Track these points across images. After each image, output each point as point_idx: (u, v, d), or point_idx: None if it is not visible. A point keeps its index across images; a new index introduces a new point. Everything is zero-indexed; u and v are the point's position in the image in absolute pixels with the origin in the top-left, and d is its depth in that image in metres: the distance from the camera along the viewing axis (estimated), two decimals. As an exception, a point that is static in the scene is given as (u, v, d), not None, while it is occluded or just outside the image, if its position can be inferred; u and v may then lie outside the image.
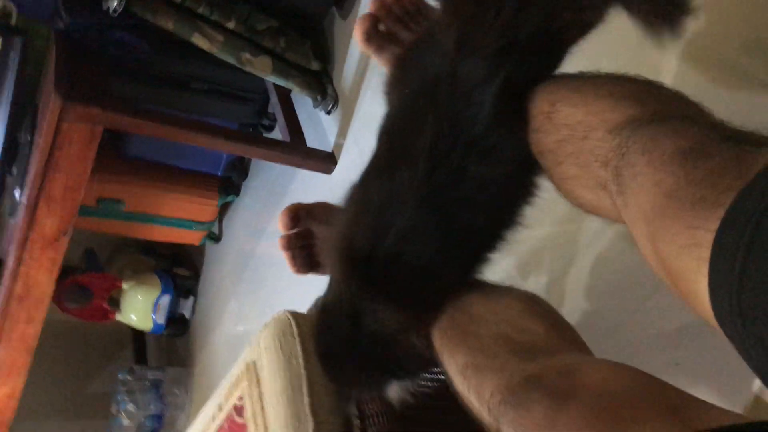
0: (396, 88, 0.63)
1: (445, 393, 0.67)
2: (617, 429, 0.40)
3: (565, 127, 0.49)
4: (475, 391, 0.51)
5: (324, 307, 0.66)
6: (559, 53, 0.55)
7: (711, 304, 0.34)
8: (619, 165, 0.43)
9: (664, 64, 0.84)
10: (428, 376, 0.72)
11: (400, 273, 0.58)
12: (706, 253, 0.34)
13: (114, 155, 1.94)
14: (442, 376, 0.65)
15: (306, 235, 0.73)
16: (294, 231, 0.72)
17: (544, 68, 0.55)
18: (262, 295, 2.02)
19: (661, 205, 0.38)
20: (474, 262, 0.61)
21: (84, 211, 1.88)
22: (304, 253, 0.72)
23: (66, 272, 2.09)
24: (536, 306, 0.58)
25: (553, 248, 1.01)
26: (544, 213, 1.01)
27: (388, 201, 0.57)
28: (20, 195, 1.55)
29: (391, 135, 0.60)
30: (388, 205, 0.57)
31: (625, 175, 0.42)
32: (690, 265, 0.35)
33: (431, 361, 0.60)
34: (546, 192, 0.57)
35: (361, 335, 0.61)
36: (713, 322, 0.35)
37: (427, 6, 0.77)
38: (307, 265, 0.72)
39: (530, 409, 0.45)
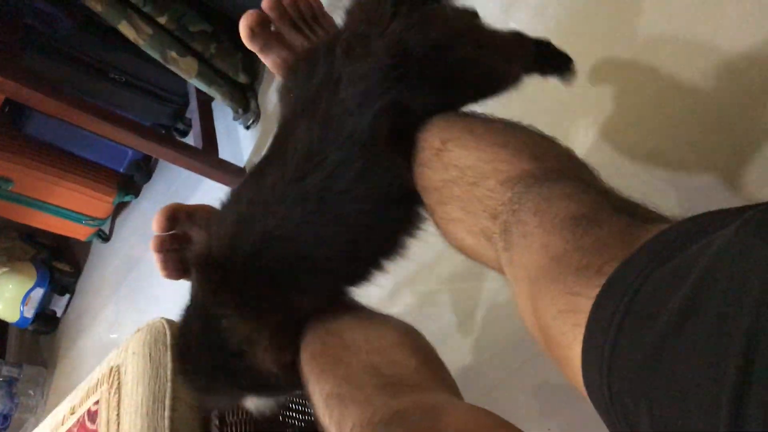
0: (286, 95, 0.61)
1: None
2: None
3: (454, 168, 0.48)
4: (336, 423, 0.48)
5: (184, 310, 0.62)
6: (460, 93, 0.54)
7: (582, 371, 0.33)
8: (508, 221, 0.42)
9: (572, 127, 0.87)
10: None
11: (253, 280, 0.55)
12: (583, 320, 0.33)
13: (11, 130, 1.82)
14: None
15: (182, 239, 0.68)
16: (170, 233, 0.67)
17: (440, 103, 0.53)
18: (142, 305, 1.92)
19: (545, 267, 0.38)
20: (339, 280, 0.58)
21: (-34, 183, 1.76)
22: (177, 257, 0.67)
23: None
24: (411, 339, 0.56)
25: (451, 302, 1.00)
26: (446, 266, 1.01)
27: (253, 202, 0.55)
28: None
29: (273, 139, 0.58)
30: (253, 207, 0.55)
31: (514, 233, 0.42)
32: (566, 330, 0.35)
33: (284, 379, 0.57)
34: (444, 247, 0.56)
35: (210, 343, 0.58)
36: (583, 389, 0.34)
37: (325, 15, 0.76)
38: (179, 270, 0.67)
39: None
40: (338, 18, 0.64)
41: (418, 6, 0.54)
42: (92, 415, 0.85)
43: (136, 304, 1.96)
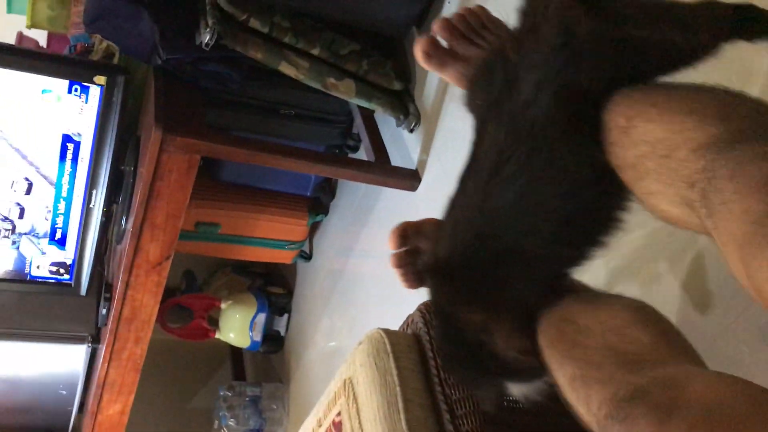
0: (472, 104, 0.65)
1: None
2: None
3: (643, 143, 0.49)
4: (583, 403, 0.51)
5: (431, 314, 0.70)
6: (637, 70, 0.54)
7: None
8: (706, 188, 0.43)
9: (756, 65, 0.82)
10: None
11: (476, 276, 0.61)
12: None
13: (209, 180, 2.03)
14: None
15: (416, 252, 0.76)
16: (404, 249, 0.75)
17: (617, 80, 0.54)
18: (352, 312, 2.06)
19: (750, 233, 0.38)
20: (556, 265, 0.61)
21: (183, 235, 1.98)
22: (414, 269, 0.75)
23: (167, 294, 2.20)
24: (644, 314, 0.57)
25: (647, 254, 0.99)
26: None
27: (462, 207, 0.61)
28: (126, 223, 1.65)
29: (471, 147, 0.63)
30: (462, 211, 0.60)
31: (713, 200, 0.42)
32: None
33: (528, 363, 0.61)
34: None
35: (454, 339, 0.64)
36: None
37: (495, 21, 0.78)
38: (417, 281, 0.75)
39: (635, 424, 0.45)
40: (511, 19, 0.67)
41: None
42: (337, 426, 0.94)
43: (346, 312, 2.10)
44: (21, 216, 1.68)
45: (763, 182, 0.39)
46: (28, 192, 1.64)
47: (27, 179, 1.62)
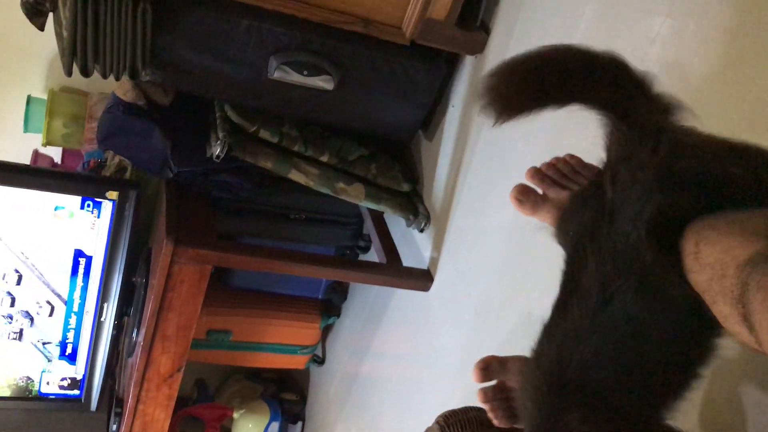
0: (562, 235, 0.68)
1: None
2: None
3: (708, 267, 0.50)
4: None
5: None
6: (717, 200, 0.56)
7: None
8: (743, 302, 0.43)
9: None
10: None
11: (587, 400, 0.61)
12: None
13: (220, 288, 2.03)
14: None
15: (503, 388, 0.76)
16: (491, 384, 0.76)
17: (701, 210, 0.55)
18: (367, 417, 2.00)
19: None
20: (660, 395, 0.61)
21: (194, 343, 1.95)
22: (504, 405, 0.75)
23: (179, 403, 2.15)
24: None
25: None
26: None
27: (567, 335, 0.61)
28: (137, 335, 1.63)
29: (563, 276, 0.65)
30: (568, 339, 0.61)
31: (750, 312, 0.42)
32: None
33: None
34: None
35: None
36: None
37: (587, 166, 0.81)
38: (510, 417, 0.75)
39: None
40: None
41: (671, 135, 0.58)
42: None
43: (361, 417, 2.04)
44: (44, 345, 1.67)
45: None
46: (50, 314, 1.64)
47: (49, 302, 1.63)
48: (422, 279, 1.67)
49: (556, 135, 1.23)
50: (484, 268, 1.48)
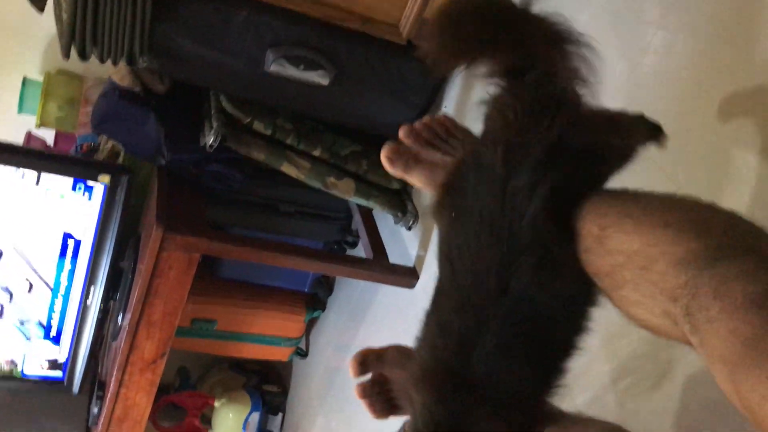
0: (445, 212, 0.65)
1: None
2: None
3: (618, 253, 0.50)
4: None
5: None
6: (601, 173, 0.58)
7: None
8: (690, 305, 0.43)
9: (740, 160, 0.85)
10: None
11: (496, 390, 0.59)
12: None
13: (207, 277, 2.04)
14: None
15: (381, 380, 0.74)
16: (368, 378, 0.74)
17: (588, 184, 0.57)
18: (348, 411, 2.02)
19: (739, 353, 0.39)
20: (555, 373, 0.61)
21: (179, 331, 1.96)
22: (382, 398, 0.74)
23: (161, 391, 2.16)
24: None
25: (638, 368, 0.99)
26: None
27: (467, 324, 0.58)
28: (122, 320, 1.64)
29: (451, 260, 0.61)
30: (467, 331, 0.58)
31: (699, 317, 0.42)
32: None
33: None
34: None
35: None
36: None
37: (459, 128, 0.80)
38: (387, 410, 0.74)
39: None
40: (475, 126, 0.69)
41: (568, 109, 0.58)
42: None
43: (343, 411, 2.06)
44: (22, 323, 1.68)
45: (748, 302, 0.39)
46: (29, 290, 1.64)
47: (28, 280, 1.63)
48: (408, 276, 1.68)
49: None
50: (470, 268, 1.50)
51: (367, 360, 0.74)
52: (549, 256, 0.55)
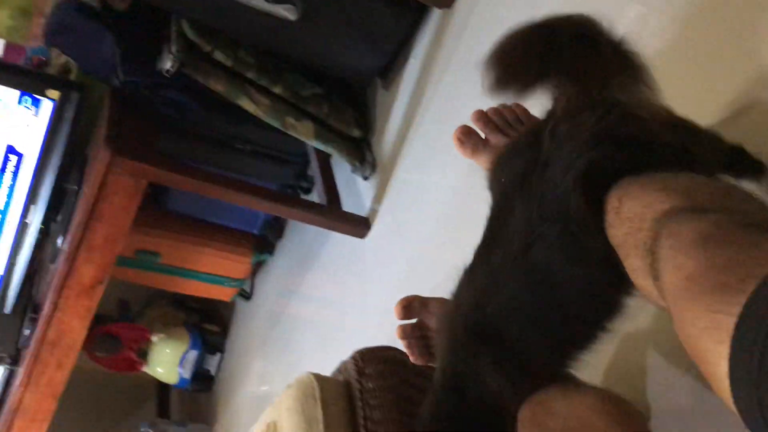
0: (494, 181, 0.68)
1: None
2: None
3: (627, 220, 0.51)
4: None
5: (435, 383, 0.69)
6: (645, 162, 0.57)
7: (731, 392, 0.34)
8: (655, 250, 0.45)
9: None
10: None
11: (502, 346, 0.62)
12: (726, 337, 0.34)
13: (155, 208, 1.99)
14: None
15: (422, 326, 0.78)
16: (411, 322, 0.78)
17: (627, 170, 0.56)
18: (287, 357, 2.02)
19: (682, 288, 0.39)
20: (566, 347, 0.63)
21: (121, 261, 1.92)
22: (421, 343, 0.77)
23: (98, 320, 2.12)
24: (612, 405, 0.60)
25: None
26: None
27: (487, 280, 0.62)
28: (62, 242, 1.59)
29: (489, 221, 0.65)
30: (488, 283, 0.62)
31: (659, 259, 0.44)
32: (710, 347, 0.36)
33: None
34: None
35: (465, 400, 0.64)
36: (733, 407, 0.35)
37: (530, 117, 0.81)
38: (425, 355, 0.77)
39: None
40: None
41: (621, 108, 0.59)
42: (258, 469, 0.91)
43: (282, 356, 2.06)
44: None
45: (695, 239, 0.40)
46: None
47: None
48: (360, 226, 1.67)
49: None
50: (422, 223, 1.49)
51: (411, 305, 0.77)
52: (572, 229, 0.56)
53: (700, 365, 0.38)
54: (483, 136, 0.81)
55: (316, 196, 1.82)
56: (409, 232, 1.53)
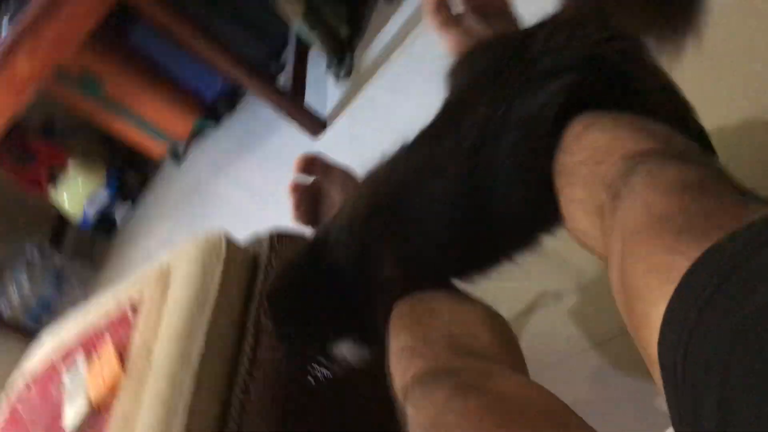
0: (461, 71, 0.63)
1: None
2: (503, 428, 0.40)
3: (587, 149, 0.48)
4: (401, 372, 0.51)
5: (318, 241, 0.65)
6: (627, 104, 0.54)
7: (661, 330, 0.33)
8: (620, 186, 0.42)
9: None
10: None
11: (409, 245, 0.59)
12: (676, 277, 0.32)
13: (118, 35, 1.88)
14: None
15: (315, 188, 0.73)
16: (307, 178, 0.73)
17: (608, 104, 0.53)
18: (195, 227, 1.97)
19: (645, 223, 0.38)
20: (471, 262, 0.60)
21: (64, 77, 1.82)
22: (309, 203, 0.73)
23: (19, 130, 2.02)
24: (496, 322, 0.58)
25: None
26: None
27: (427, 163, 0.58)
28: (6, 26, 1.48)
29: (446, 107, 0.60)
30: (427, 167, 0.57)
31: (622, 196, 0.42)
32: (654, 286, 0.34)
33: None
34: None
35: (356, 274, 0.61)
36: (651, 351, 0.34)
37: (511, 15, 0.77)
38: (309, 216, 0.73)
39: (434, 392, 0.46)
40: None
41: (625, 37, 0.55)
42: (134, 308, 0.87)
43: (192, 227, 2.01)
44: None
45: (677, 184, 0.38)
46: None
47: None
48: (316, 125, 1.62)
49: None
50: (377, 144, 1.45)
51: (314, 163, 0.73)
52: (532, 140, 0.53)
53: (634, 303, 0.36)
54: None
55: (282, 83, 1.76)
56: (362, 147, 1.50)
